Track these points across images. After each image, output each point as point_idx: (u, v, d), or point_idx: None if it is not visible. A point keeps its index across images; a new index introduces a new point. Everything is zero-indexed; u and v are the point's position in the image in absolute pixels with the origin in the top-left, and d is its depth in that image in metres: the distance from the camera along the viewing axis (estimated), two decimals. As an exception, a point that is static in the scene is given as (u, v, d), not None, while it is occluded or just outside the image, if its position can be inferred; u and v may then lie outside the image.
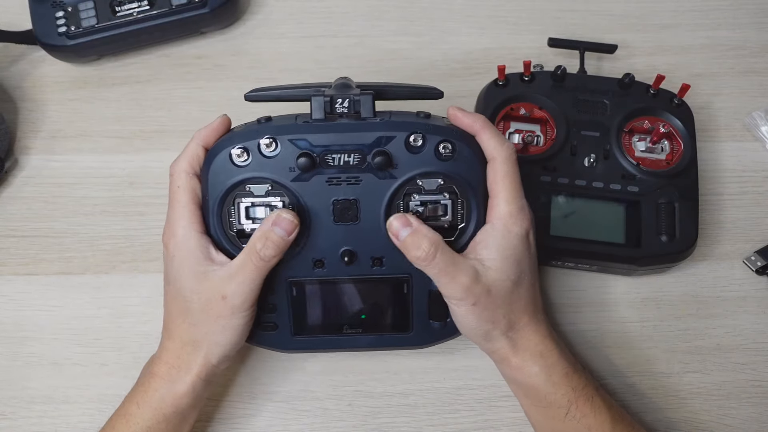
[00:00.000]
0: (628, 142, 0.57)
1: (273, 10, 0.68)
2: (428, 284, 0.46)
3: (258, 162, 0.44)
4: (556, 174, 0.55)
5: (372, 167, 0.44)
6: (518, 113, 0.57)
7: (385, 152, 0.44)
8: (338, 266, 0.46)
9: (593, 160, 0.55)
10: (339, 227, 0.45)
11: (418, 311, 0.48)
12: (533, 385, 0.46)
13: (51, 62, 0.65)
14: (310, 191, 0.45)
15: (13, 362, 0.55)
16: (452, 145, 0.44)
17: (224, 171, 0.45)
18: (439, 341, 0.49)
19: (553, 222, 0.54)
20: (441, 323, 0.48)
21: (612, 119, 0.57)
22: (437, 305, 0.47)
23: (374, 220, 0.45)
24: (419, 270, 0.45)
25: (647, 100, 0.57)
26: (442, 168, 0.45)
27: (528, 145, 0.56)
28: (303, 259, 0.46)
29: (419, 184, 0.45)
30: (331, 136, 0.44)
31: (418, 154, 0.44)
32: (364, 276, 0.47)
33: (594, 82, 0.58)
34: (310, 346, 0.50)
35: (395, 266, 0.46)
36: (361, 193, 0.45)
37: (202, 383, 0.46)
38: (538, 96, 0.57)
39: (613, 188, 0.55)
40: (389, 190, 0.45)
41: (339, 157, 0.44)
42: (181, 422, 0.47)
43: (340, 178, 0.45)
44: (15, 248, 0.59)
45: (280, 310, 0.48)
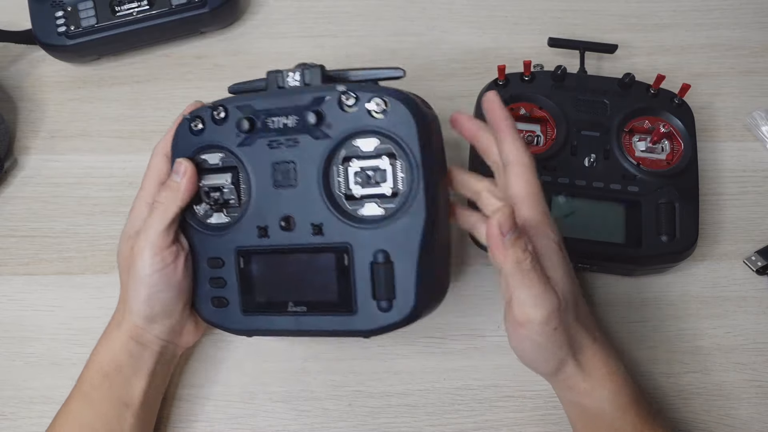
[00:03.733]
0: (628, 142, 0.57)
1: (273, 10, 0.68)
2: (370, 255, 0.43)
3: (210, 129, 0.46)
4: (556, 174, 0.55)
5: (308, 129, 0.44)
6: (518, 113, 0.57)
7: (317, 110, 0.43)
8: (280, 233, 0.45)
9: (593, 160, 0.55)
10: (279, 192, 0.45)
11: (361, 288, 0.43)
12: (598, 409, 0.44)
13: (51, 62, 0.65)
14: (252, 155, 0.45)
15: (13, 362, 0.55)
16: (384, 101, 0.43)
17: (184, 141, 0.47)
18: (387, 329, 0.43)
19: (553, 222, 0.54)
20: (386, 303, 0.43)
21: (612, 119, 0.57)
22: (381, 281, 0.43)
23: (311, 185, 0.44)
24: (360, 237, 0.43)
25: (647, 100, 0.57)
26: (375, 125, 0.43)
27: (528, 145, 0.56)
28: (248, 226, 0.46)
29: (356, 146, 0.44)
30: (271, 100, 0.45)
31: (351, 112, 0.43)
32: (305, 245, 0.44)
33: (594, 82, 0.58)
34: (259, 325, 0.47)
35: (335, 234, 0.44)
36: (299, 155, 0.44)
37: (135, 344, 0.47)
38: (538, 96, 0.57)
39: (613, 188, 0.55)
40: (325, 150, 0.44)
41: (278, 120, 0.45)
42: (124, 385, 0.47)
43: (279, 140, 0.45)
44: (15, 248, 0.59)
45: (230, 284, 0.47)
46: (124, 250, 0.48)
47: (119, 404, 0.47)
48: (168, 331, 0.49)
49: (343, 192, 0.44)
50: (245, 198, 0.46)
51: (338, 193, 0.44)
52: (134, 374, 0.48)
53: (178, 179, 0.46)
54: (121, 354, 0.47)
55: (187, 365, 0.55)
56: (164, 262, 0.45)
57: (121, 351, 0.47)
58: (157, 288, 0.46)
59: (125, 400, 0.47)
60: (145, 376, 0.48)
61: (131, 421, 0.47)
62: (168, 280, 0.46)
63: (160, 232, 0.45)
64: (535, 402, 0.54)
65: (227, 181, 0.47)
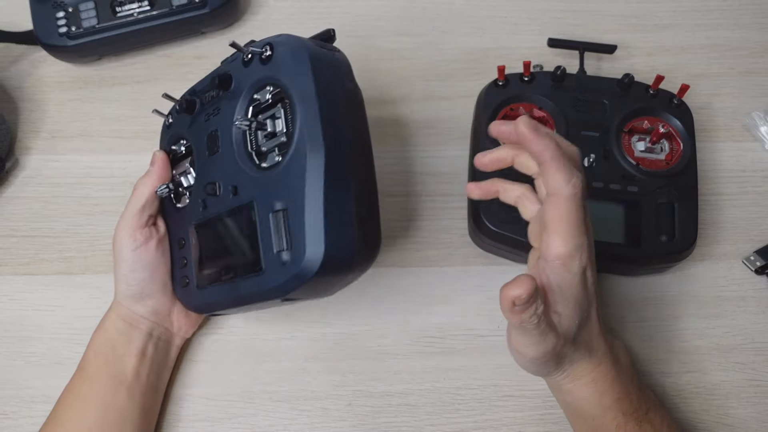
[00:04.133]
0: (627, 142, 0.57)
1: (273, 10, 0.68)
2: (269, 207, 0.40)
3: (175, 120, 0.51)
4: None
5: (224, 94, 0.45)
6: (518, 113, 0.57)
7: (223, 73, 0.45)
8: (212, 202, 0.45)
9: (593, 160, 0.55)
10: (210, 160, 0.46)
11: (264, 243, 0.41)
12: (583, 408, 0.46)
13: (52, 62, 0.65)
14: (195, 132, 0.48)
15: (14, 362, 0.55)
16: (270, 46, 0.42)
17: (163, 137, 0.52)
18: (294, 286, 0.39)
19: None
20: (287, 254, 0.39)
21: (611, 119, 0.57)
22: (279, 231, 0.40)
23: (228, 146, 0.44)
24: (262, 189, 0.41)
25: (647, 100, 0.57)
26: (265, 72, 0.42)
27: None
28: (195, 202, 0.48)
29: (257, 99, 0.43)
30: (201, 81, 0.49)
31: (250, 66, 0.44)
32: (225, 210, 0.44)
33: (593, 83, 0.58)
34: (207, 299, 0.46)
35: (247, 193, 0.42)
36: (220, 121, 0.45)
37: (123, 323, 0.50)
38: (538, 96, 0.57)
39: (612, 188, 0.55)
40: (233, 109, 0.44)
41: (208, 94, 0.47)
42: (117, 362, 0.49)
43: (209, 112, 0.47)
44: (15, 248, 0.59)
45: (189, 262, 0.49)
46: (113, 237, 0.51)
47: (114, 380, 0.49)
48: (152, 311, 0.51)
49: (254, 149, 0.43)
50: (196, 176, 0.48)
51: (249, 150, 0.43)
52: (125, 352, 0.50)
53: (151, 167, 0.51)
54: (113, 334, 0.50)
55: (187, 365, 0.55)
56: (136, 242, 0.49)
57: (113, 331, 0.50)
58: (130, 267, 0.49)
59: (119, 377, 0.49)
60: (135, 354, 0.50)
61: (125, 397, 0.49)
62: (140, 259, 0.49)
63: (134, 213, 0.49)
64: (535, 402, 0.54)
65: (188, 165, 0.50)
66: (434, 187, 0.61)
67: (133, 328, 0.50)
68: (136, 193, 0.50)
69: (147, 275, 0.50)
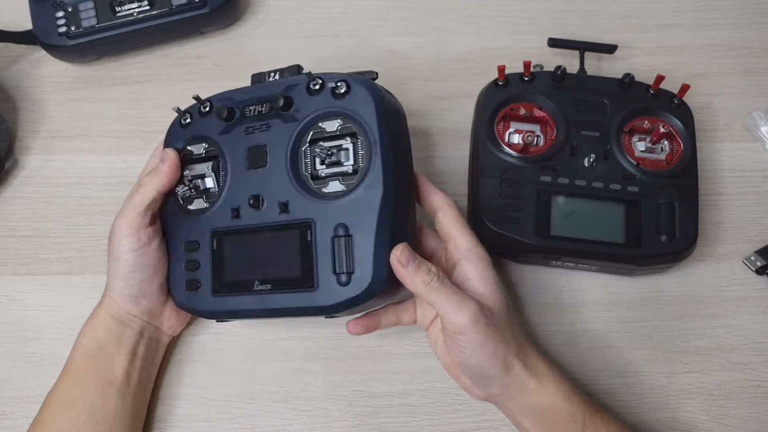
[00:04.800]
0: (628, 142, 0.57)
1: (273, 10, 0.68)
2: (331, 230, 0.44)
3: (197, 122, 0.51)
4: (556, 174, 0.55)
5: (279, 113, 0.47)
6: (518, 113, 0.57)
7: (287, 95, 0.47)
8: (250, 213, 0.47)
9: (593, 160, 0.55)
10: (251, 173, 0.48)
11: (322, 263, 0.44)
12: (551, 404, 0.46)
13: (51, 62, 0.65)
14: (231, 141, 0.49)
15: (14, 362, 0.55)
16: (346, 84, 0.46)
17: (174, 135, 0.51)
18: (347, 304, 0.44)
19: (553, 222, 0.54)
20: (345, 277, 0.43)
21: (612, 119, 0.57)
22: (340, 254, 0.44)
23: (280, 165, 0.47)
24: (323, 213, 0.45)
25: (647, 100, 0.57)
26: (338, 106, 0.46)
27: (528, 146, 0.56)
28: (223, 209, 0.48)
29: (321, 127, 0.46)
30: (249, 91, 0.49)
31: (317, 96, 0.47)
32: (271, 223, 0.46)
33: (594, 83, 0.58)
34: (227, 306, 0.47)
35: (300, 212, 0.46)
36: (270, 138, 0.47)
37: (115, 322, 0.49)
38: (538, 96, 0.57)
39: (613, 188, 0.55)
40: (294, 132, 0.47)
41: (254, 108, 0.48)
42: (107, 362, 0.49)
43: (254, 126, 0.48)
44: (15, 248, 0.59)
45: (203, 266, 0.48)
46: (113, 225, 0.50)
47: (103, 381, 0.48)
48: (145, 311, 0.50)
49: (309, 172, 0.47)
50: (223, 183, 0.49)
51: (305, 173, 0.47)
52: (116, 352, 0.49)
53: (161, 166, 0.49)
54: (103, 333, 0.49)
55: (187, 365, 0.55)
56: (140, 242, 0.48)
57: (103, 330, 0.49)
58: (131, 268, 0.48)
59: (109, 377, 0.49)
60: (126, 354, 0.49)
61: (115, 398, 0.48)
62: (142, 259, 0.48)
63: (138, 212, 0.48)
64: (535, 402, 0.54)
65: (208, 169, 0.50)
66: (434, 187, 0.61)
67: (125, 327, 0.50)
68: (141, 190, 0.48)
69: (146, 277, 0.49)
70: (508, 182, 0.55)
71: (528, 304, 0.57)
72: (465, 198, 0.59)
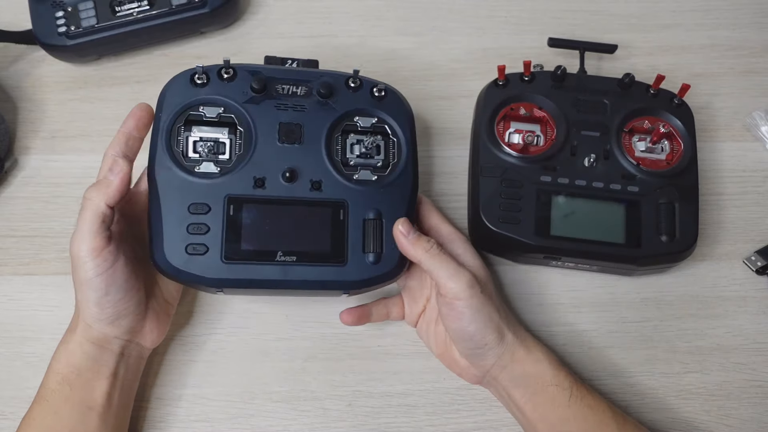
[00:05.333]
0: (628, 142, 0.57)
1: (273, 10, 0.68)
2: (364, 212, 0.49)
3: (215, 85, 0.50)
4: (556, 174, 0.55)
5: (316, 99, 0.51)
6: (518, 113, 0.57)
7: (328, 83, 0.51)
8: (279, 185, 0.49)
9: (593, 160, 0.55)
10: (283, 147, 0.49)
11: (353, 240, 0.49)
12: (540, 372, 0.49)
13: (51, 62, 0.65)
14: (258, 113, 0.50)
15: (13, 362, 0.55)
16: (385, 90, 0.52)
17: (182, 91, 0.50)
18: (374, 281, 0.49)
19: (553, 222, 0.54)
20: (374, 256, 0.48)
21: (612, 119, 0.57)
22: (372, 235, 0.49)
23: (316, 146, 0.50)
24: (356, 196, 0.49)
25: (647, 100, 0.57)
26: (376, 106, 0.52)
27: (528, 146, 0.56)
28: (244, 176, 0.49)
29: (356, 122, 0.51)
30: (282, 71, 0.52)
31: (356, 93, 0.52)
32: (303, 198, 0.49)
33: (594, 82, 0.58)
34: (241, 274, 0.47)
35: (333, 192, 0.49)
36: (306, 119, 0.50)
37: (92, 346, 0.47)
38: (538, 96, 0.57)
39: (613, 188, 0.55)
40: (331, 118, 0.51)
41: (288, 88, 0.51)
42: (85, 388, 0.46)
43: (287, 104, 0.50)
44: (15, 248, 0.59)
45: (213, 230, 0.47)
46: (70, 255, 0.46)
47: (82, 407, 0.46)
48: (126, 331, 0.48)
49: (340, 158, 0.51)
50: (242, 151, 0.50)
51: (336, 158, 0.51)
52: (95, 377, 0.47)
53: (112, 178, 0.46)
54: (80, 358, 0.46)
55: (186, 365, 0.55)
56: (106, 263, 0.44)
57: (79, 355, 0.46)
58: (103, 291, 0.45)
59: (88, 403, 0.46)
60: (106, 377, 0.47)
61: (96, 423, 0.46)
62: (113, 281, 0.45)
63: (94, 230, 0.44)
64: (535, 402, 0.54)
65: (224, 134, 0.50)
66: (434, 187, 0.61)
67: (104, 351, 0.47)
68: (90, 206, 0.44)
69: (121, 295, 0.46)
70: (508, 182, 0.55)
71: (528, 304, 0.57)
72: (465, 198, 0.59)
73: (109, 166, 0.46)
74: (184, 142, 0.49)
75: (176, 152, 0.49)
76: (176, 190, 0.48)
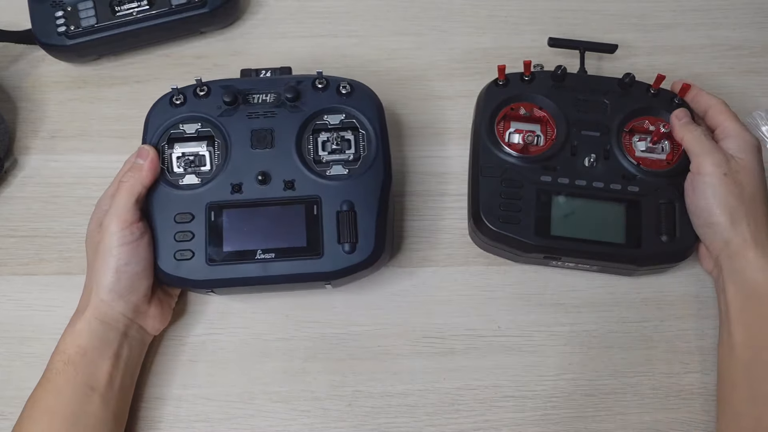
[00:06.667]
0: (628, 142, 0.56)
1: (273, 9, 0.68)
2: (337, 205, 0.51)
3: (191, 103, 0.54)
4: (557, 174, 0.55)
5: (285, 104, 0.53)
6: (518, 113, 0.57)
7: (294, 87, 0.53)
8: (254, 188, 0.52)
9: (593, 160, 0.55)
10: (255, 153, 0.53)
11: (328, 233, 0.51)
12: (762, 281, 0.49)
13: (50, 62, 0.65)
14: (232, 123, 0.53)
15: (13, 362, 0.55)
16: (350, 85, 0.54)
17: (162, 113, 0.54)
18: (351, 270, 0.51)
19: (554, 222, 0.54)
20: (349, 246, 0.50)
21: (612, 119, 0.56)
22: (346, 227, 0.51)
23: (287, 148, 0.53)
24: (329, 191, 0.51)
25: (648, 100, 0.57)
26: (343, 103, 0.54)
27: (528, 145, 0.56)
28: (222, 184, 0.52)
29: (325, 120, 0.54)
30: (252, 82, 0.55)
31: (323, 92, 0.54)
32: (277, 198, 0.51)
33: (594, 82, 0.58)
34: (224, 274, 0.50)
35: (306, 189, 0.52)
36: (276, 124, 0.53)
37: (99, 324, 0.49)
38: (538, 96, 0.57)
39: (613, 188, 0.55)
40: (300, 120, 0.53)
41: (258, 96, 0.54)
42: (89, 367, 0.48)
43: (258, 112, 0.53)
44: (15, 248, 0.59)
45: (197, 236, 0.51)
46: (93, 230, 0.51)
47: (84, 387, 0.48)
48: (132, 309, 0.50)
49: (312, 157, 0.53)
50: (219, 161, 0.53)
51: (308, 157, 0.53)
52: (99, 356, 0.49)
53: (142, 162, 0.51)
54: (86, 338, 0.49)
55: (186, 365, 0.55)
56: (133, 236, 0.49)
57: (86, 334, 0.49)
58: (124, 260, 0.49)
59: (90, 383, 0.48)
60: (110, 357, 0.49)
61: (98, 404, 0.48)
62: (135, 253, 0.49)
63: (128, 206, 0.49)
64: (535, 402, 0.54)
65: (203, 147, 0.53)
66: (434, 187, 0.61)
67: (110, 329, 0.49)
68: (126, 185, 0.50)
69: (139, 270, 0.49)
70: (508, 182, 0.55)
71: (528, 303, 0.57)
72: (465, 198, 0.59)
73: (137, 154, 0.52)
74: (168, 159, 0.53)
75: (162, 169, 0.52)
76: (163, 203, 0.52)
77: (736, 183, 0.51)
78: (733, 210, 0.50)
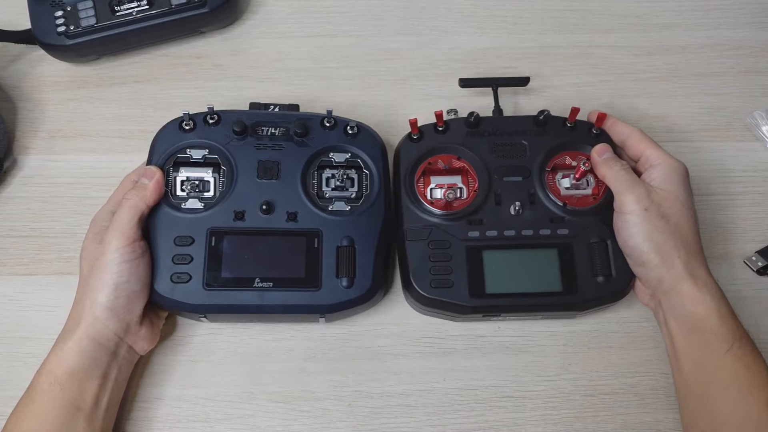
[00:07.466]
0: (552, 181, 0.55)
1: (273, 9, 0.68)
2: (337, 240, 0.52)
3: (201, 130, 0.55)
4: (484, 227, 0.53)
5: (293, 138, 0.55)
6: (437, 167, 0.55)
7: (304, 124, 0.55)
8: (257, 217, 0.53)
9: (519, 207, 0.53)
10: (261, 183, 0.54)
11: (327, 267, 0.52)
12: (702, 315, 0.48)
13: (50, 62, 0.65)
14: (240, 152, 0.54)
15: (12, 363, 0.55)
16: (357, 127, 0.56)
17: (171, 137, 0.55)
18: (347, 304, 0.51)
19: (488, 279, 0.52)
20: (347, 281, 0.51)
21: (533, 161, 0.55)
22: (345, 261, 0.51)
23: (292, 180, 0.54)
24: (330, 226, 0.52)
25: (565, 134, 0.55)
26: (349, 143, 0.55)
27: (451, 203, 0.54)
28: (225, 210, 0.53)
29: (330, 157, 0.55)
30: (262, 115, 0.56)
31: (331, 131, 0.56)
32: (279, 228, 0.52)
33: (510, 124, 0.56)
34: (221, 300, 0.51)
35: (308, 222, 0.53)
36: (283, 156, 0.55)
37: (90, 342, 0.48)
38: (454, 146, 0.55)
39: (543, 234, 0.53)
40: (306, 155, 0.55)
41: (267, 129, 0.55)
42: (76, 388, 0.47)
43: (266, 144, 0.55)
44: (15, 248, 0.59)
45: (195, 260, 0.51)
46: (90, 246, 0.50)
47: (70, 408, 0.47)
48: (124, 328, 0.49)
49: (316, 191, 0.54)
50: (224, 188, 0.54)
51: (312, 191, 0.54)
52: (88, 377, 0.48)
53: (147, 182, 0.52)
54: (75, 358, 0.47)
55: (186, 366, 0.55)
56: (134, 253, 0.49)
57: (75, 355, 0.47)
58: (125, 278, 0.48)
59: (77, 403, 0.47)
60: (98, 377, 0.48)
61: (83, 425, 0.47)
62: (135, 272, 0.49)
63: (131, 223, 0.49)
64: (535, 402, 0.54)
65: (208, 173, 0.54)
66: (434, 187, 0.61)
67: (100, 348, 0.48)
68: (129, 203, 0.50)
69: (138, 288, 0.49)
70: (435, 243, 0.52)
71: (528, 304, 0.57)
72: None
73: (142, 174, 0.52)
74: (172, 181, 0.54)
75: (165, 191, 0.53)
76: (164, 225, 0.52)
77: (660, 215, 0.50)
78: (660, 246, 0.49)
